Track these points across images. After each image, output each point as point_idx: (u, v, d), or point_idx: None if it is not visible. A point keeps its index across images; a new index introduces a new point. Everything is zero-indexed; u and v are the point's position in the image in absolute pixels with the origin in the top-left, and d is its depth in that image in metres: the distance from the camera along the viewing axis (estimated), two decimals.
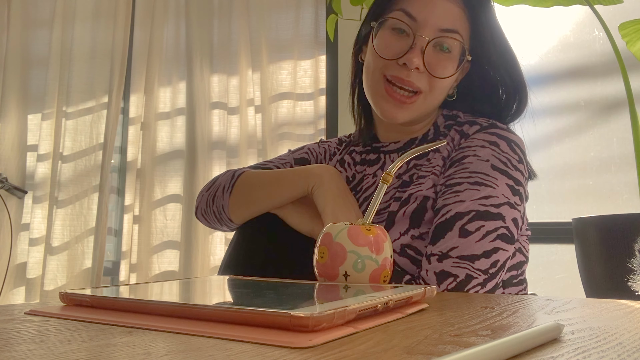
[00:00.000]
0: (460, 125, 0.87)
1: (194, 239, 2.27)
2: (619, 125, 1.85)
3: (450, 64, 0.84)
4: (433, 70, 0.83)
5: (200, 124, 2.34)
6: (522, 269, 0.86)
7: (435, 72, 0.83)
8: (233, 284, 0.58)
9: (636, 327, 0.38)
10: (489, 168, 0.78)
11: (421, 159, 0.87)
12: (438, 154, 0.86)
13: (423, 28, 0.82)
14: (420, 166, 0.87)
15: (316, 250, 0.61)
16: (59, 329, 0.37)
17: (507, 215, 0.76)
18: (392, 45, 0.84)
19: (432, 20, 0.82)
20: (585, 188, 1.88)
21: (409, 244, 0.81)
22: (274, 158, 1.06)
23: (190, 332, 0.35)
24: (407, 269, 0.80)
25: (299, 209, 0.87)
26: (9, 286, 2.31)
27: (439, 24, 0.82)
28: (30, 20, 2.51)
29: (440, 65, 0.83)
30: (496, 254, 0.74)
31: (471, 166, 0.79)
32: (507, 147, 0.81)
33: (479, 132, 0.84)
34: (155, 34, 2.43)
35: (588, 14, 1.80)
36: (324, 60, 2.31)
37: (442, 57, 0.83)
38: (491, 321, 0.41)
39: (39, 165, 2.36)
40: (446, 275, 0.72)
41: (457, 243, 0.73)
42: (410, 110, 0.84)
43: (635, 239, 0.92)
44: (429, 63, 0.82)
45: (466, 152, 0.82)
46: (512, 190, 0.78)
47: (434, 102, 0.87)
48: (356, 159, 0.99)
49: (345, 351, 0.30)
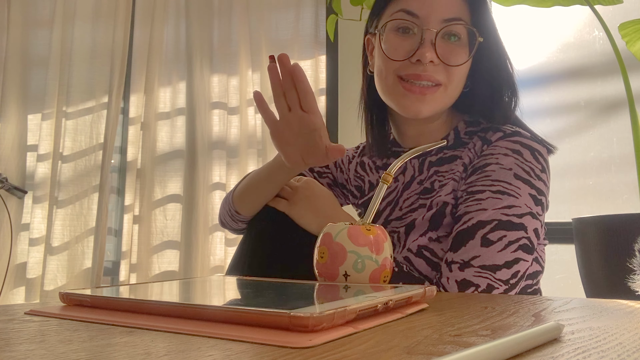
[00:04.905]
0: (485, 131, 0.86)
1: (194, 239, 2.27)
2: (619, 125, 1.85)
3: (462, 50, 0.83)
4: (447, 59, 0.82)
5: (200, 124, 2.34)
6: (537, 279, 0.86)
7: (450, 62, 0.82)
8: (233, 284, 0.58)
9: (636, 327, 0.38)
10: (511, 177, 0.78)
11: (442, 166, 0.88)
12: (459, 160, 0.86)
13: (427, 22, 0.82)
14: (443, 173, 0.87)
15: (316, 250, 0.61)
16: (59, 329, 0.37)
17: (529, 226, 0.76)
18: (401, 45, 0.84)
19: (435, 13, 0.82)
20: (585, 188, 1.88)
21: (425, 245, 0.82)
22: None
23: (190, 332, 0.35)
24: (422, 270, 0.81)
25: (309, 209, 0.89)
26: (9, 286, 2.31)
27: (442, 15, 0.82)
28: (30, 20, 2.51)
29: (453, 53, 0.83)
30: (517, 265, 0.74)
31: (494, 174, 0.79)
32: (530, 156, 0.81)
33: (502, 140, 0.83)
34: (155, 34, 2.43)
35: (588, 14, 1.80)
36: (324, 60, 2.31)
37: (452, 46, 0.83)
38: (491, 321, 0.41)
39: (39, 165, 2.36)
40: (468, 284, 0.73)
41: (479, 252, 0.74)
42: (433, 102, 0.84)
43: (635, 239, 0.91)
44: (441, 54, 0.82)
45: (489, 159, 0.81)
46: (535, 200, 0.78)
47: (454, 94, 0.86)
48: (377, 162, 0.99)
49: (345, 351, 0.30)
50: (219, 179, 2.31)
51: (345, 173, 1.05)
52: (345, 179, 1.05)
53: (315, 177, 1.05)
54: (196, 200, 2.30)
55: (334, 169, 1.06)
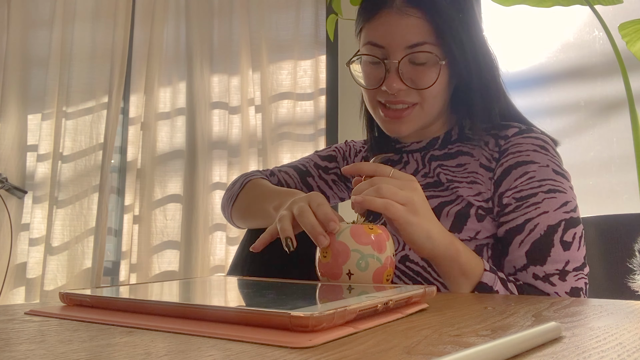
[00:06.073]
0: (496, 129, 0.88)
1: (194, 239, 2.27)
2: (619, 125, 1.85)
3: (429, 72, 0.84)
4: (415, 84, 0.84)
5: (201, 124, 2.34)
6: None
7: (418, 85, 0.84)
8: (233, 284, 0.58)
9: (636, 327, 0.38)
10: (552, 173, 0.81)
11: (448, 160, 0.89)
12: (473, 159, 0.87)
13: (390, 52, 0.83)
14: (451, 168, 0.88)
15: (318, 249, 0.61)
16: (59, 329, 0.37)
17: (580, 217, 0.80)
18: (372, 74, 0.87)
19: (396, 42, 0.83)
20: (585, 188, 1.88)
21: None
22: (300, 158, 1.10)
23: (190, 332, 0.35)
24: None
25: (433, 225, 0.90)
26: (9, 286, 2.31)
27: (405, 42, 0.82)
28: (30, 20, 2.51)
29: (420, 76, 0.84)
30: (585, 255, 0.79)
31: (537, 174, 0.80)
32: (553, 150, 0.84)
33: (520, 137, 0.85)
34: (155, 34, 2.43)
35: (588, 14, 1.79)
36: (324, 60, 2.31)
37: (419, 69, 0.84)
38: (491, 321, 0.41)
39: (39, 165, 2.36)
40: (577, 291, 0.76)
41: (567, 257, 0.76)
42: (411, 121, 0.87)
43: (635, 239, 0.92)
44: (408, 79, 0.84)
45: (518, 157, 0.83)
46: (573, 191, 0.82)
47: (433, 109, 0.87)
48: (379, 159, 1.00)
49: (345, 351, 0.30)
50: (219, 179, 2.31)
51: None
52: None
53: (320, 174, 1.06)
54: (196, 200, 2.30)
55: (342, 162, 1.08)
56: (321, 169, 1.07)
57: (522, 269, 0.77)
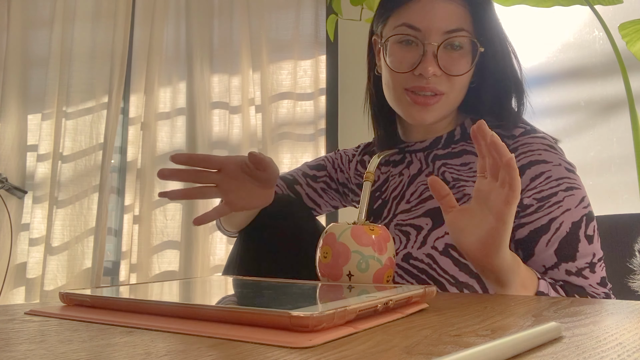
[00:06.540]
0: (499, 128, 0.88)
1: (194, 239, 2.27)
2: (619, 125, 1.85)
3: (464, 59, 0.85)
4: (449, 70, 0.84)
5: (201, 124, 2.34)
6: None
7: (452, 72, 0.84)
8: (233, 284, 0.58)
9: (636, 327, 0.38)
10: (566, 171, 0.82)
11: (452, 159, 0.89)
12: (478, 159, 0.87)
13: (429, 35, 0.83)
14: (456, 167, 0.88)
15: (319, 250, 0.61)
16: (59, 329, 0.37)
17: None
18: (405, 58, 0.85)
19: (436, 26, 0.83)
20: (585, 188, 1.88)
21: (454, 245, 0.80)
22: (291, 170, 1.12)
23: (190, 332, 0.35)
24: (448, 269, 0.81)
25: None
26: (9, 286, 2.31)
27: (444, 27, 0.83)
28: (30, 20, 2.51)
29: (455, 63, 0.84)
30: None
31: (553, 173, 0.81)
32: (559, 149, 0.85)
33: (527, 136, 0.85)
34: (155, 34, 2.43)
35: (588, 14, 1.79)
36: (324, 60, 2.31)
37: (455, 56, 0.84)
38: (491, 321, 0.41)
39: (39, 165, 2.36)
40: (605, 280, 0.78)
41: (592, 249, 0.78)
42: (436, 110, 0.86)
43: (635, 239, 0.92)
44: (444, 66, 0.83)
45: (530, 156, 0.83)
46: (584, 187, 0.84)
47: (457, 100, 0.88)
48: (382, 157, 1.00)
49: (345, 351, 0.30)
50: None
51: (346, 172, 1.07)
52: (346, 178, 1.07)
53: (308, 183, 1.07)
54: (196, 200, 2.30)
55: (332, 171, 1.08)
56: (309, 177, 1.08)
57: (553, 267, 0.77)
